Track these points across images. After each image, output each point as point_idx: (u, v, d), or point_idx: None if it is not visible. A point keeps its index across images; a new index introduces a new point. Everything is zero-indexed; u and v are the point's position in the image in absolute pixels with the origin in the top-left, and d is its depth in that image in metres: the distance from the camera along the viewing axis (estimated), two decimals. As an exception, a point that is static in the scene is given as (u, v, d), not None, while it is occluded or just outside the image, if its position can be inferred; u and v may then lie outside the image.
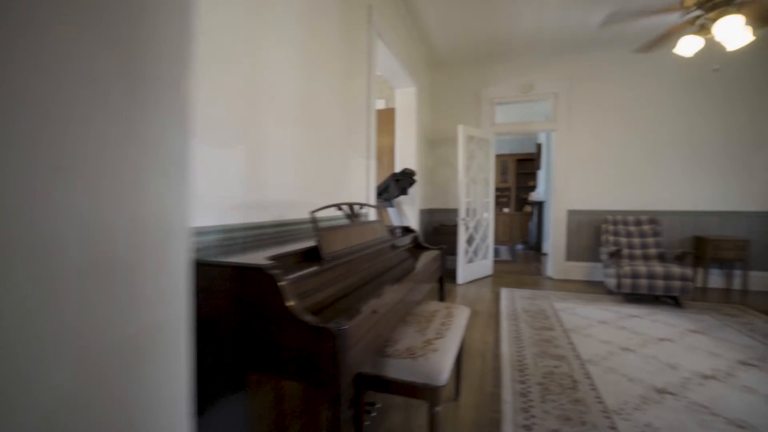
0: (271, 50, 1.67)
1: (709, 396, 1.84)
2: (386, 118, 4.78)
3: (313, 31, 2.00)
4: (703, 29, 2.53)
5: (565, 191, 4.77)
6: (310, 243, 1.30)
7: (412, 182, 4.15)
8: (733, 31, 2.35)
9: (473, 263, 4.68)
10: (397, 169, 4.42)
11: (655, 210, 4.45)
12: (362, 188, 2.76)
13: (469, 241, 4.65)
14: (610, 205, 4.60)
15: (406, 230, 2.17)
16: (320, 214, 1.92)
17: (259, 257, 1.00)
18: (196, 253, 1.14)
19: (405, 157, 4.44)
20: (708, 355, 2.34)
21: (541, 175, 7.74)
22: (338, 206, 1.44)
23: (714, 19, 2.41)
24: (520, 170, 9.53)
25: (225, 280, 0.94)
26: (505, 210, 9.47)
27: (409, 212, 4.49)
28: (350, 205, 1.53)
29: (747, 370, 2.15)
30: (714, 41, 2.65)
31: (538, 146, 8.12)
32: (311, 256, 1.20)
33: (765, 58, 4.09)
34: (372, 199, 2.87)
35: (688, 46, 2.69)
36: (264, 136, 1.64)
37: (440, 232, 4.82)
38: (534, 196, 8.11)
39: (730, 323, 2.98)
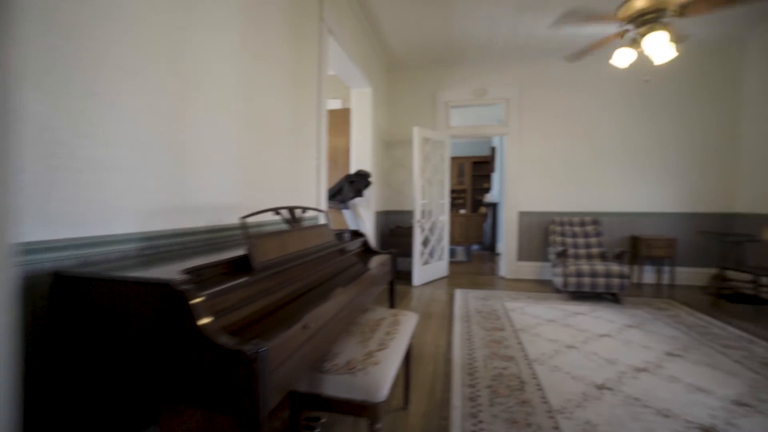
0: (203, 38, 1.53)
1: (642, 388, 1.93)
2: (341, 119, 4.69)
3: (253, 20, 1.88)
4: (635, 43, 2.70)
5: (517, 193, 4.94)
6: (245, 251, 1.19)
7: (367, 184, 4.09)
8: (659, 46, 2.53)
9: (429, 265, 4.70)
10: (353, 170, 4.34)
11: (598, 211, 4.72)
12: (312, 190, 2.66)
13: (425, 242, 4.67)
14: (558, 206, 4.82)
15: (355, 234, 2.10)
16: (259, 219, 1.80)
17: (173, 270, 0.88)
18: (99, 266, 0.99)
19: (360, 159, 4.37)
20: (641, 348, 2.48)
21: (496, 177, 8.01)
22: (276, 210, 1.34)
23: (643, 35, 2.58)
24: (476, 172, 9.80)
25: (130, 298, 0.82)
26: (462, 211, 9.69)
27: (364, 214, 4.43)
28: (290, 209, 1.44)
29: (673, 360, 2.30)
30: (645, 54, 2.83)
31: (493, 149, 8.39)
32: (242, 266, 1.10)
33: (687, 71, 4.47)
34: (322, 202, 2.77)
35: (622, 58, 2.86)
36: (195, 133, 1.50)
37: (396, 234, 4.80)
38: (489, 197, 8.37)
39: (660, 317, 3.21)
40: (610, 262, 3.80)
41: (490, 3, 3.50)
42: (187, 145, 1.45)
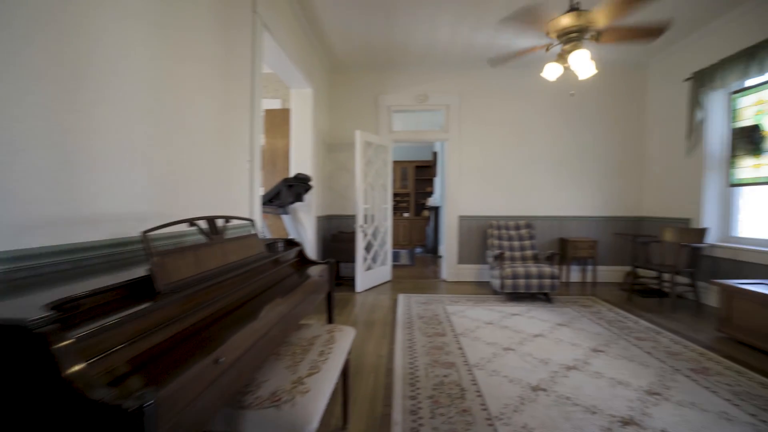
0: (105, 19, 1.31)
1: (572, 386, 2.03)
2: (281, 119, 4.48)
3: (169, 4, 1.67)
4: (561, 58, 2.88)
5: (457, 198, 5.07)
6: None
7: (307, 188, 3.93)
8: (582, 63, 2.72)
9: (372, 270, 4.64)
10: (292, 173, 4.15)
11: (531, 215, 5.01)
12: (245, 195, 2.46)
13: (368, 248, 4.60)
14: (495, 211, 5.03)
15: (290, 243, 1.96)
16: (176, 229, 1.58)
17: (37, 302, 0.70)
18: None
19: (301, 161, 4.19)
20: (570, 346, 2.63)
21: (438, 181, 8.21)
22: (191, 222, 1.17)
23: (568, 51, 2.76)
24: (419, 176, 9.99)
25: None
26: (405, 215, 9.82)
27: (305, 219, 4.25)
28: (209, 219, 1.27)
29: (598, 356, 2.46)
30: (571, 70, 3.04)
31: (435, 154, 8.61)
32: (144, 289, 0.93)
33: (605, 89, 4.93)
34: (256, 207, 2.57)
35: (551, 71, 3.03)
36: (93, 130, 1.27)
37: (339, 239, 4.68)
38: (431, 201, 8.56)
39: (585, 314, 3.45)
40: (542, 264, 4.03)
41: (430, 10, 3.54)
42: (79, 145, 1.22)
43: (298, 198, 3.87)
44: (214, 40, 2.05)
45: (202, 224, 1.25)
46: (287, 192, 3.55)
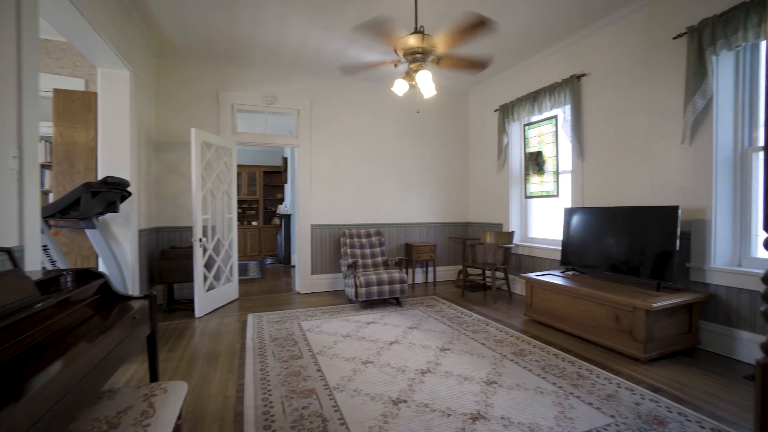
0: None
1: (428, 392, 2.12)
2: (82, 105, 3.43)
3: None
4: (409, 76, 3.08)
5: (309, 206, 4.90)
6: None
7: (124, 195, 3.10)
8: (425, 83, 2.97)
9: (215, 290, 4.03)
10: (102, 175, 3.23)
11: (381, 223, 5.26)
12: (13, 206, 1.71)
13: (209, 265, 3.97)
14: (347, 219, 5.08)
15: (86, 275, 1.42)
16: None
17: None
18: None
19: (114, 161, 3.30)
20: (422, 349, 2.79)
21: (288, 188, 7.86)
22: None
23: (414, 70, 2.97)
24: (268, 182, 9.41)
25: None
26: (254, 223, 9.09)
27: (122, 234, 3.35)
28: None
29: (445, 355, 2.68)
30: (417, 88, 3.28)
31: (285, 159, 8.23)
32: None
33: (441, 109, 5.62)
34: (28, 224, 1.82)
35: (399, 87, 3.21)
36: None
37: (171, 256, 3.88)
38: (282, 209, 8.14)
39: (431, 313, 3.78)
40: (392, 269, 4.24)
41: (276, 10, 3.29)
42: None
43: (112, 208, 3.01)
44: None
45: None
46: (90, 201, 2.70)
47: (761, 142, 2.72)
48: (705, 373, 2.41)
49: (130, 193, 3.15)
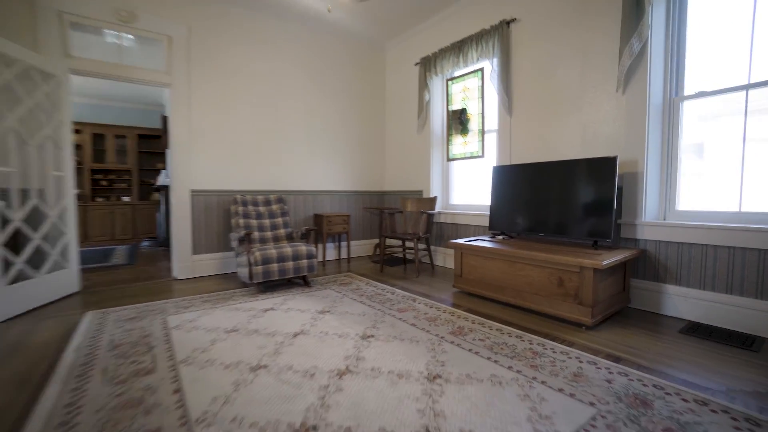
0: None
1: (351, 405, 1.43)
2: None
3: None
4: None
5: (188, 167, 3.76)
6: None
7: None
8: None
9: (30, 281, 2.73)
10: None
11: (283, 189, 4.35)
12: None
13: (14, 245, 2.66)
14: (240, 184, 4.06)
15: None
16: None
17: None
18: None
19: None
20: (338, 339, 2.10)
21: (170, 154, 6.32)
22: None
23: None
24: (145, 148, 7.59)
25: None
26: (125, 199, 7.27)
27: None
28: None
29: (369, 344, 2.03)
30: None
31: (165, 119, 6.60)
32: None
33: (352, 63, 4.84)
34: None
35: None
36: None
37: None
38: (161, 179, 6.56)
39: (346, 293, 3.10)
40: (297, 243, 3.43)
41: None
42: None
43: None
44: None
45: None
46: None
47: (688, 92, 2.60)
48: (647, 333, 2.21)
49: None
